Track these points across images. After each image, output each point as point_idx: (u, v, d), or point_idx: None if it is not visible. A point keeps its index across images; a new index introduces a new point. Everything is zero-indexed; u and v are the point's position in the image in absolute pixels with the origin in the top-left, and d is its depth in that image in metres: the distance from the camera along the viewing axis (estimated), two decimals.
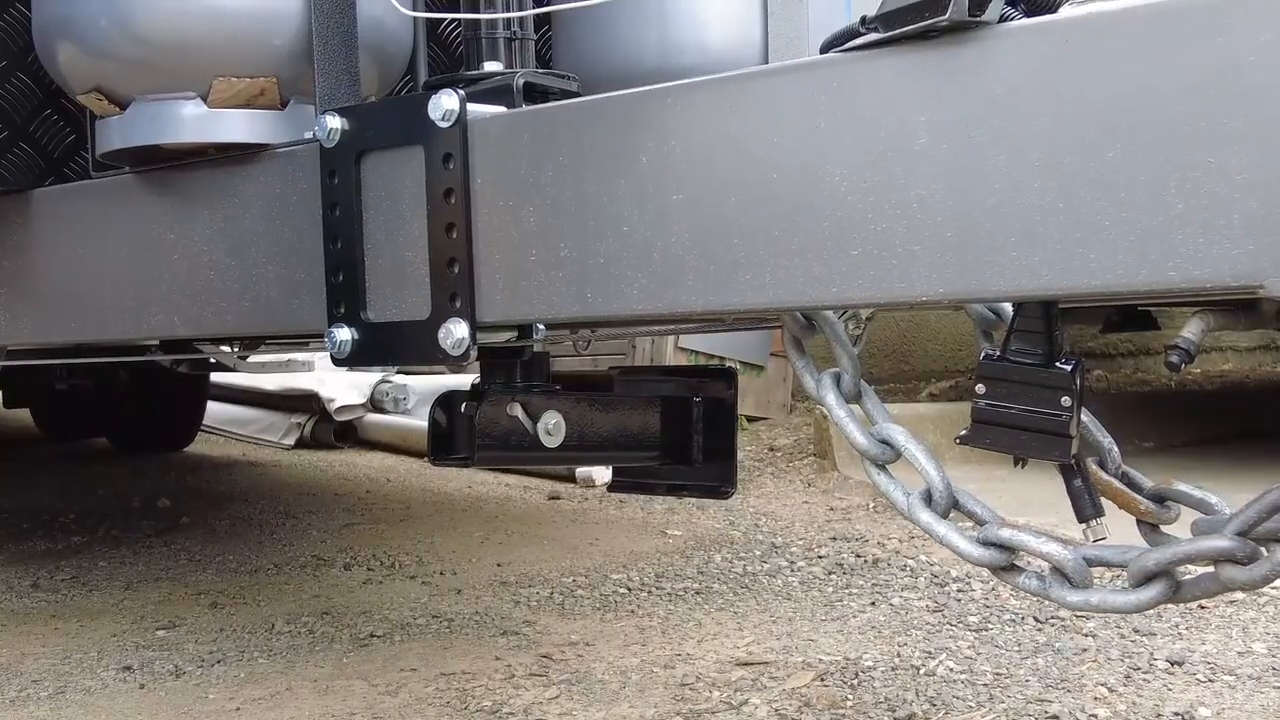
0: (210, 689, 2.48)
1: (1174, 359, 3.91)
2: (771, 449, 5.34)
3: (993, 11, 1.14)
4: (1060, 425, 1.22)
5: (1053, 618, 2.81)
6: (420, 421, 6.09)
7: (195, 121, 1.67)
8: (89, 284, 1.92)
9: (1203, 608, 2.85)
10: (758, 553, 3.61)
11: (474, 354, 1.47)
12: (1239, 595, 2.90)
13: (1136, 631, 2.68)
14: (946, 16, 1.13)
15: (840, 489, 4.56)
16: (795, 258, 1.24)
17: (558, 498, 4.65)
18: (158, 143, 1.68)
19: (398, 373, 6.58)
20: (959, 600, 3.01)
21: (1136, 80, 1.06)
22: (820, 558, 3.52)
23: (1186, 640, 2.63)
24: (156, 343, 4.66)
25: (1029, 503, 3.48)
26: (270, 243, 1.68)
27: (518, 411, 1.53)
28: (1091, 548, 1.22)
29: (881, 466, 1.32)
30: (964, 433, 1.26)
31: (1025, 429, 1.23)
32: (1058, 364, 1.23)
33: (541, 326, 1.62)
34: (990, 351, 1.26)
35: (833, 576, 3.31)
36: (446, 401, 1.59)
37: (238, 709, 2.36)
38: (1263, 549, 1.13)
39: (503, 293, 1.46)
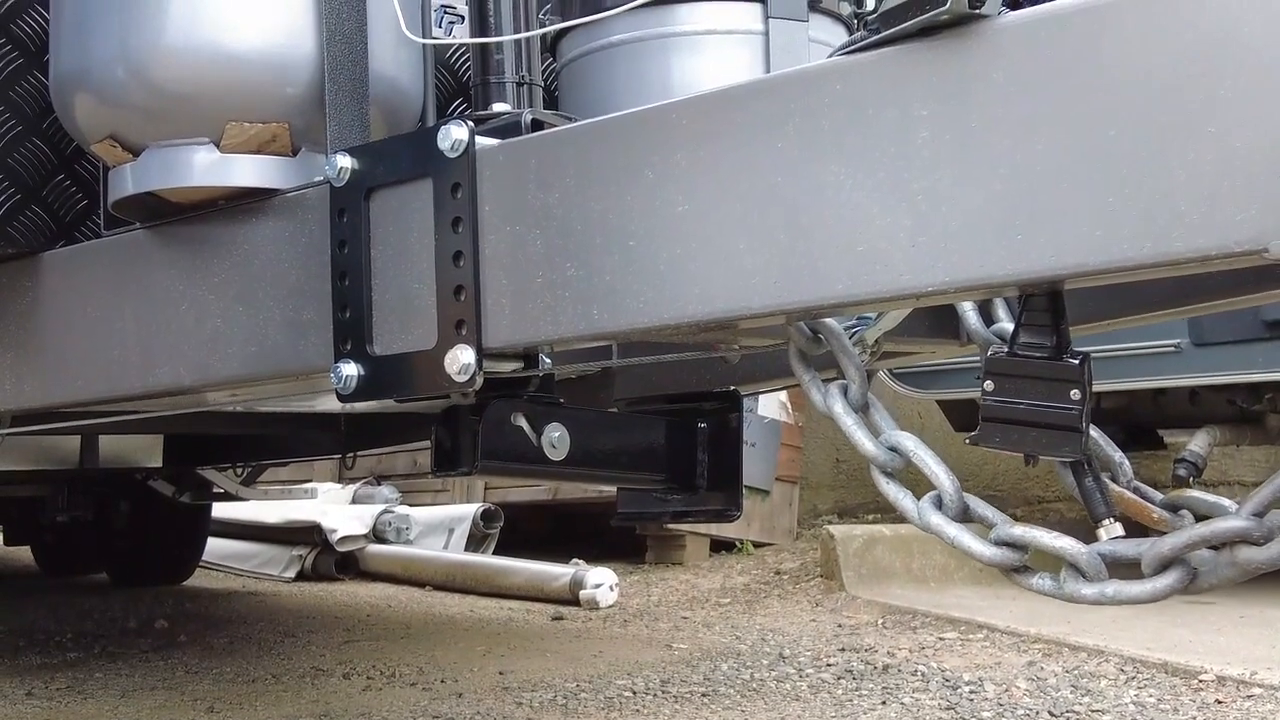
0: None
1: (1182, 471, 3.86)
2: (778, 573, 5.27)
3: (992, 5, 1.16)
4: (1071, 419, 1.21)
5: (1068, 712, 2.75)
6: (424, 551, 6.04)
7: (207, 167, 1.69)
8: (96, 342, 1.92)
9: (1220, 703, 2.79)
10: (765, 662, 3.55)
11: (480, 381, 1.46)
12: (1256, 690, 2.84)
13: None
14: (947, 10, 1.15)
15: (848, 608, 4.49)
16: (802, 258, 1.25)
17: (561, 619, 4.59)
18: (170, 186, 1.70)
19: (401, 504, 6.53)
20: (971, 700, 2.95)
21: (1134, 59, 1.08)
22: (829, 665, 3.46)
23: None
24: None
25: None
26: (278, 286, 1.68)
27: (521, 422, 1.52)
28: (1105, 543, 1.20)
29: (890, 474, 1.30)
30: (973, 433, 1.25)
31: (1035, 424, 1.22)
32: (1066, 357, 1.22)
33: (548, 360, 1.62)
34: (998, 349, 1.26)
35: (842, 681, 3.25)
36: (450, 416, 1.57)
37: None
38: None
39: (509, 316, 1.46)
